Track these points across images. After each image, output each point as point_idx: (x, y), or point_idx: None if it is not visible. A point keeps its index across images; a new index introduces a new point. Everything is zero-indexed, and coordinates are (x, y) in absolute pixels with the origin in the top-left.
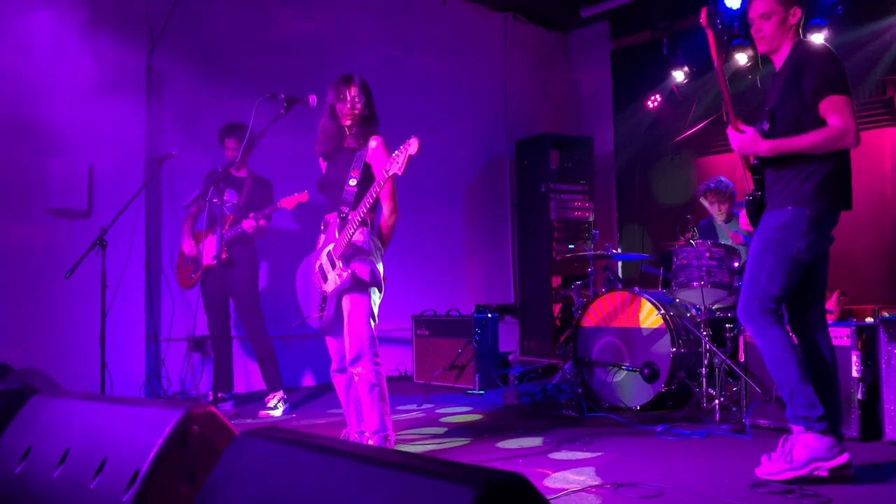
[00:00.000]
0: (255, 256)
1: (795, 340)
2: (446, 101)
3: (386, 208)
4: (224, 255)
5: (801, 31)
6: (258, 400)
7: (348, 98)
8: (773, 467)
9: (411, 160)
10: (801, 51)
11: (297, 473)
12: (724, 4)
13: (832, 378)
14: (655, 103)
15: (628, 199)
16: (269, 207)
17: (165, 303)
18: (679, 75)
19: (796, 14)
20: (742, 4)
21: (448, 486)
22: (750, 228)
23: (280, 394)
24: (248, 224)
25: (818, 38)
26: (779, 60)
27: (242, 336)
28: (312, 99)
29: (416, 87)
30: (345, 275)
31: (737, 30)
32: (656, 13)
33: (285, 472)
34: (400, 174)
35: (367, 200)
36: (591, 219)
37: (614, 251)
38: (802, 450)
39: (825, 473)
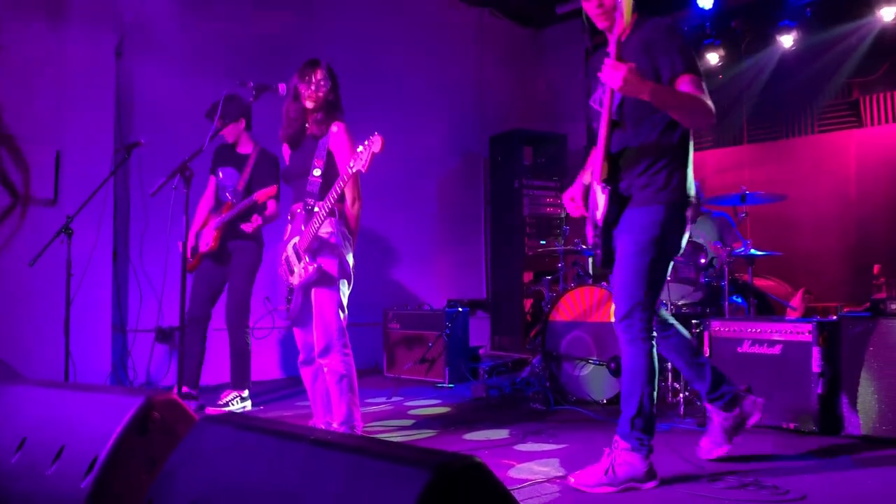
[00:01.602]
0: (259, 247)
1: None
2: (420, 96)
3: (348, 197)
4: (214, 245)
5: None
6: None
7: (313, 81)
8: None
9: (375, 157)
10: (651, 26)
11: (254, 457)
12: (697, 5)
13: (699, 351)
14: None
15: None
16: (242, 206)
17: (133, 293)
18: None
19: None
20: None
21: (402, 469)
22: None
23: (241, 392)
24: (245, 226)
25: (787, 40)
26: (612, 35)
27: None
28: (282, 87)
29: (389, 81)
30: (310, 269)
31: (708, 30)
32: None
33: (242, 456)
34: (364, 171)
35: (333, 195)
36: (563, 215)
37: (584, 247)
38: (623, 467)
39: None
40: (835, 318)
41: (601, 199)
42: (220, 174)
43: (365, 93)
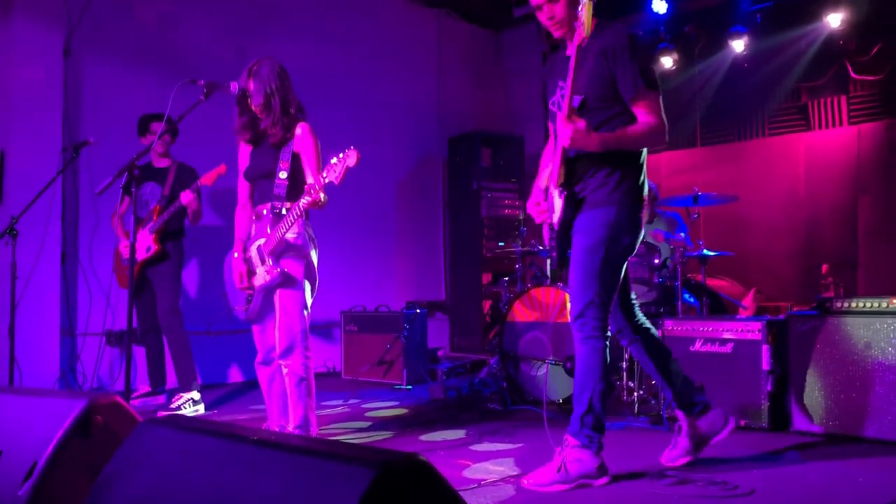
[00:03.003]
0: (182, 250)
1: (626, 340)
2: (378, 96)
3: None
4: (157, 248)
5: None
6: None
7: (251, 93)
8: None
9: (349, 171)
10: (613, 33)
11: (196, 459)
12: (651, 9)
13: (672, 358)
14: None
15: None
16: (194, 184)
17: (82, 295)
18: None
19: None
20: None
21: (346, 469)
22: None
23: (191, 394)
24: (186, 196)
25: (738, 45)
26: (572, 44)
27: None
28: (234, 86)
29: (346, 81)
30: (275, 272)
31: (662, 34)
32: None
33: (184, 458)
34: (336, 184)
35: (302, 202)
36: (521, 216)
37: (541, 248)
38: (574, 465)
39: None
40: (783, 316)
41: (558, 202)
42: (139, 190)
43: (321, 91)
